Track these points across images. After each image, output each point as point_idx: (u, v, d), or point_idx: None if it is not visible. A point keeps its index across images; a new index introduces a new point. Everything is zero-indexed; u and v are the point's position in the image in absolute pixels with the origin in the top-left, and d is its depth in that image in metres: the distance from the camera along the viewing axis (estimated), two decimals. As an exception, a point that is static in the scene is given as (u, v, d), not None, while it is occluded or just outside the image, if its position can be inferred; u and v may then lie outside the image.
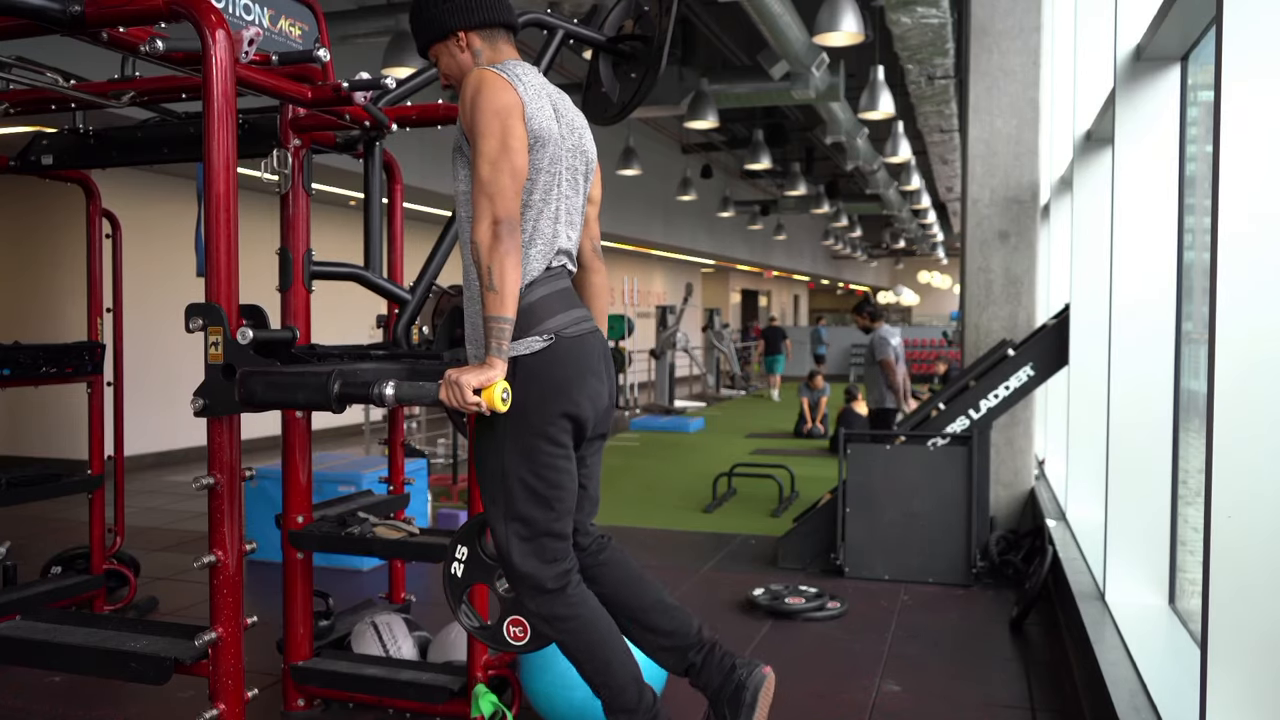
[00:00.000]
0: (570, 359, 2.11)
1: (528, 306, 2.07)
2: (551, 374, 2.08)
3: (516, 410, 2.03)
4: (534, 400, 2.08)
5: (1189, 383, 3.64)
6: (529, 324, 2.06)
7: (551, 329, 2.09)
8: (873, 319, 8.02)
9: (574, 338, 2.12)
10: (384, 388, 2.25)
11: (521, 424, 2.07)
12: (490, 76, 1.97)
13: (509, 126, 1.96)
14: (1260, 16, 2.11)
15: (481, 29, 2.05)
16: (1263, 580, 2.13)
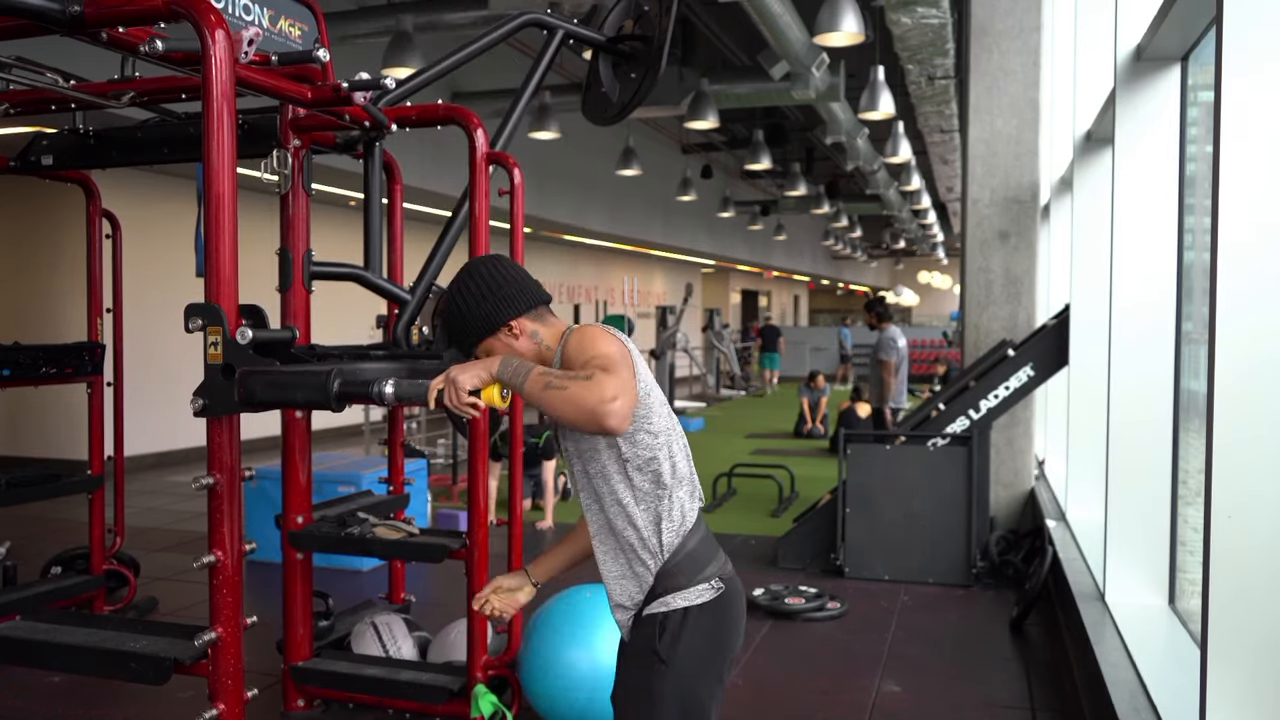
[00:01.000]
0: (735, 603, 2.00)
1: (691, 553, 1.94)
2: (724, 622, 1.97)
3: (683, 666, 1.90)
4: (705, 654, 1.93)
5: (1189, 383, 3.64)
6: (695, 571, 1.93)
7: (716, 574, 1.96)
8: (880, 319, 8.05)
9: (732, 578, 2.00)
10: (384, 386, 2.25)
11: (688, 681, 1.91)
12: (599, 328, 1.95)
13: (626, 355, 1.87)
14: (1260, 17, 2.11)
15: (529, 311, 2.00)
16: (1263, 580, 2.13)
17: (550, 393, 1.75)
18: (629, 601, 1.97)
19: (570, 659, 3.24)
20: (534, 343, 1.98)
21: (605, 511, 1.96)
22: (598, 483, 1.95)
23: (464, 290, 1.99)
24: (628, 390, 1.75)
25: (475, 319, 1.98)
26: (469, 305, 1.98)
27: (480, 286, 1.99)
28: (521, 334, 1.97)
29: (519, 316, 1.98)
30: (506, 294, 1.98)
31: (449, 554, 3.42)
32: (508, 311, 1.97)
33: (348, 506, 3.81)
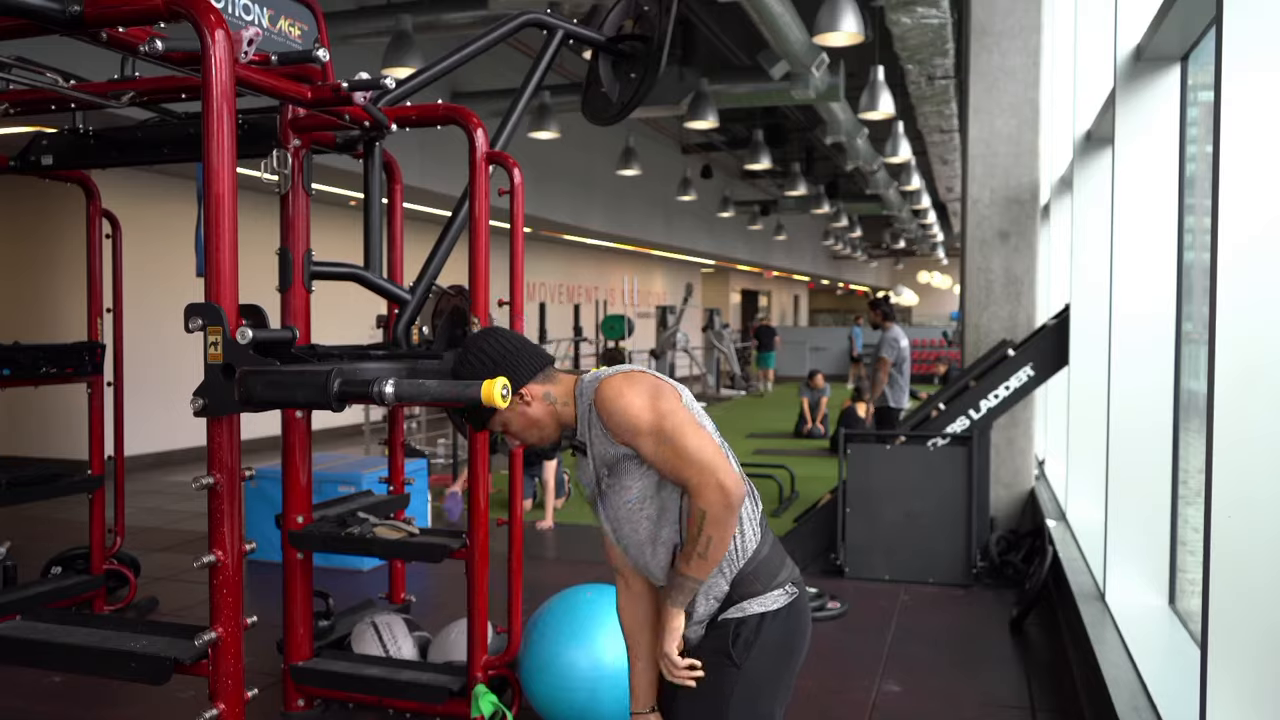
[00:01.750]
0: (806, 608, 2.03)
1: (765, 559, 1.97)
2: (798, 628, 1.99)
3: (756, 671, 1.93)
4: (778, 659, 1.96)
5: (1189, 383, 3.64)
6: (770, 577, 1.96)
7: (789, 579, 1.99)
8: (885, 318, 8.08)
9: (801, 583, 2.03)
10: (384, 386, 2.25)
11: (758, 685, 1.94)
12: (619, 377, 1.95)
13: (675, 402, 1.90)
14: (1260, 17, 2.11)
15: (537, 376, 2.02)
16: (1263, 580, 2.13)
17: (712, 555, 1.86)
18: (701, 614, 1.97)
19: (570, 659, 3.24)
20: (548, 405, 2.00)
21: (645, 559, 1.99)
22: (669, 502, 1.94)
23: (471, 369, 2.01)
24: (716, 456, 1.85)
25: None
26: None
27: (485, 363, 2.01)
28: (534, 399, 1.99)
29: (528, 384, 2.00)
30: (511, 364, 2.00)
31: (449, 554, 3.42)
32: (519, 379, 1.99)
33: (348, 506, 3.81)
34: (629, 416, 1.88)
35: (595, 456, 1.97)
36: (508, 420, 2.00)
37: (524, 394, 1.98)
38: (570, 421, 2.01)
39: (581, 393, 1.99)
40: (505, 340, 2.04)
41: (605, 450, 1.95)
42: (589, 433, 1.97)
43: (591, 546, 1.92)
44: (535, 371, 2.00)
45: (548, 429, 2.01)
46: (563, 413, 2.00)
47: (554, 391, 2.01)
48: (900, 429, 5.83)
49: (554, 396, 2.00)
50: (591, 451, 1.98)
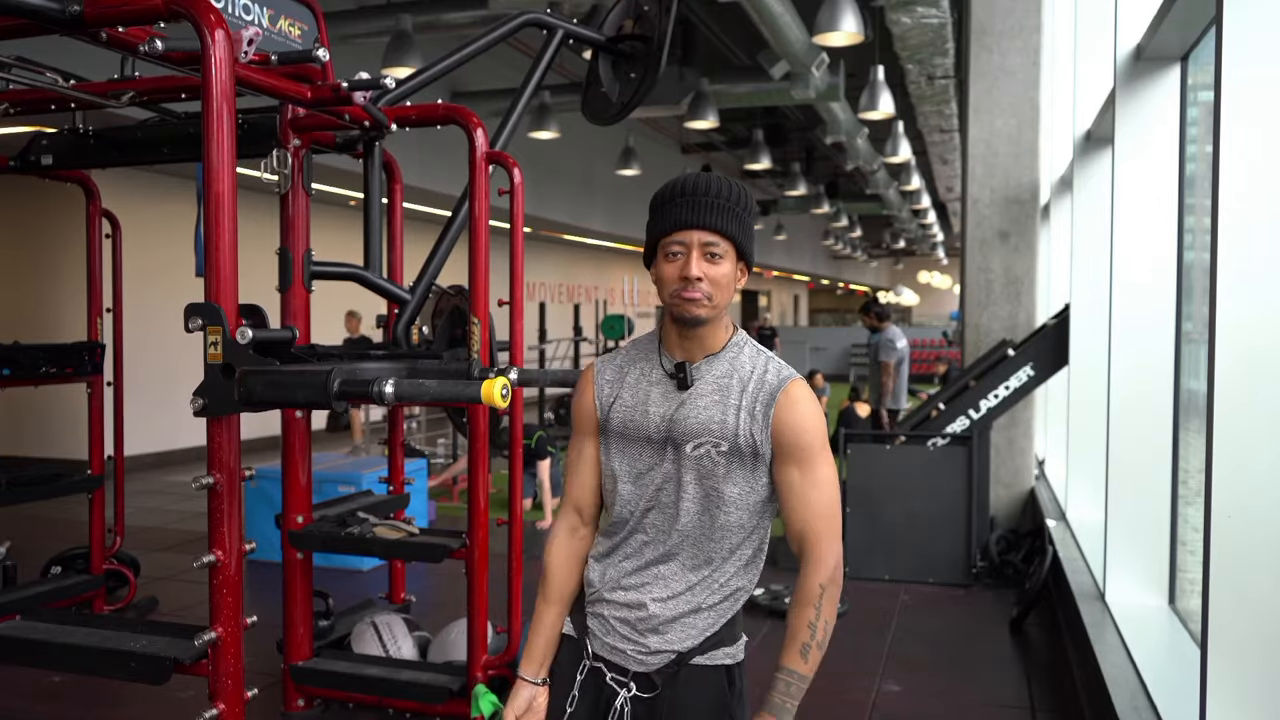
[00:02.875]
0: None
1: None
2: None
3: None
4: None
5: (1189, 382, 3.64)
6: (741, 624, 1.80)
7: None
8: (879, 319, 8.02)
9: None
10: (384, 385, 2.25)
11: None
12: (807, 389, 1.69)
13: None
14: (1260, 16, 2.11)
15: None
16: (1263, 580, 2.13)
17: (826, 642, 1.64)
18: (681, 643, 1.68)
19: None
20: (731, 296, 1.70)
21: (714, 540, 1.69)
22: (715, 508, 1.68)
23: (748, 206, 1.68)
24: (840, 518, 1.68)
25: (751, 230, 1.69)
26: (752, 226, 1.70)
27: (751, 212, 1.69)
28: (740, 281, 1.71)
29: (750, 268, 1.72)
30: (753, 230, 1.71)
31: (449, 554, 3.42)
32: (752, 255, 1.70)
33: (348, 506, 3.81)
34: (812, 425, 1.66)
35: (716, 420, 1.65)
36: (722, 269, 1.63)
37: (744, 272, 1.68)
38: (713, 339, 1.69)
39: (749, 352, 1.71)
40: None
41: (739, 428, 1.64)
42: (736, 394, 1.66)
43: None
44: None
45: (721, 306, 1.65)
46: (725, 320, 1.71)
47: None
48: (900, 429, 5.83)
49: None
50: (713, 411, 1.65)
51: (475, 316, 3.31)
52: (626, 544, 1.73)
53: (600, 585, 1.74)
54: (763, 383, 1.67)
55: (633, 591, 1.71)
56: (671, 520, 1.69)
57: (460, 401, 2.03)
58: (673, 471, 1.68)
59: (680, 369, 1.69)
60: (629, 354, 1.79)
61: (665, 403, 1.69)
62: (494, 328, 3.39)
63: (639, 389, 1.73)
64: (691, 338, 1.68)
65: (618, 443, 1.73)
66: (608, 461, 1.75)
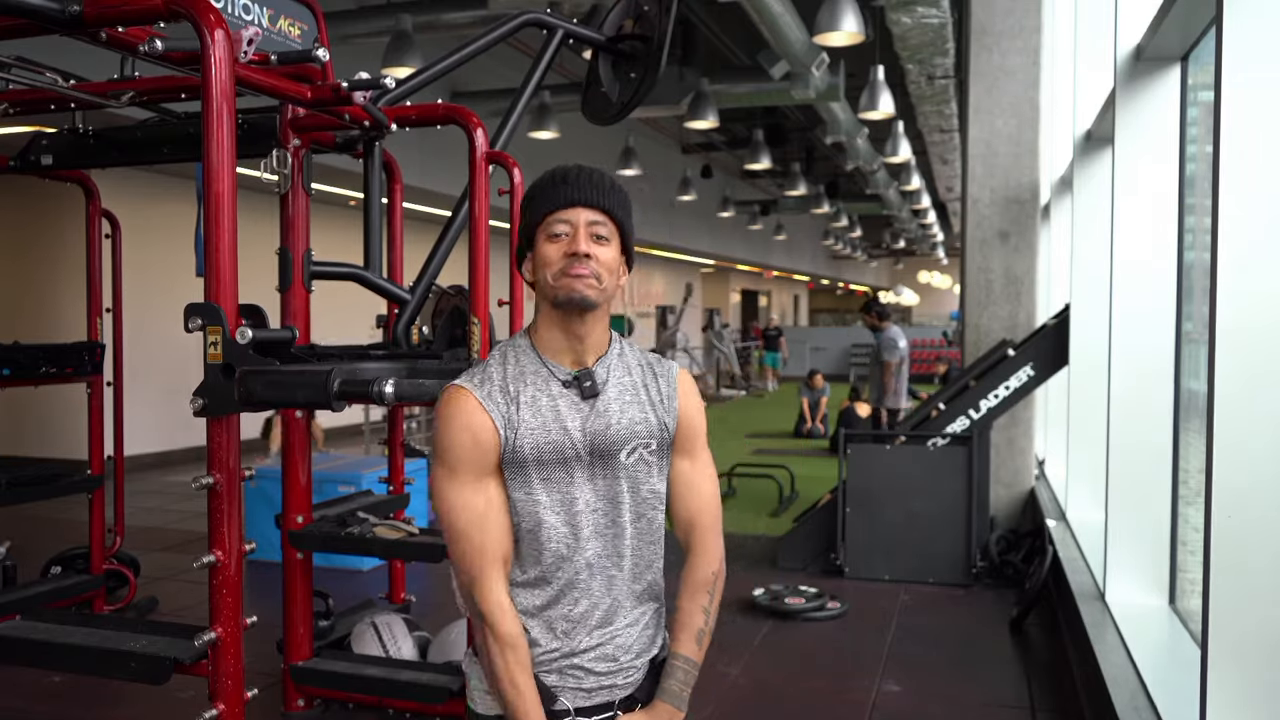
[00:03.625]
0: None
1: None
2: None
3: None
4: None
5: (1189, 383, 3.64)
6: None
7: None
8: (880, 319, 8.03)
9: None
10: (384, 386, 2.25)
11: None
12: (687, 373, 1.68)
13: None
14: (1260, 17, 2.11)
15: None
16: (1264, 580, 2.13)
17: (712, 630, 1.65)
18: (651, 649, 1.65)
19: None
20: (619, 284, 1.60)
21: (651, 543, 1.62)
22: (650, 509, 1.61)
23: (623, 200, 1.59)
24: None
25: (631, 226, 1.60)
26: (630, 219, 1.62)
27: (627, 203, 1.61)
28: (625, 275, 1.62)
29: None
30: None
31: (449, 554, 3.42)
32: (631, 235, 1.61)
33: (348, 506, 3.81)
34: (702, 413, 1.68)
35: (639, 420, 1.58)
36: (609, 252, 1.53)
37: (625, 267, 1.59)
38: (601, 338, 1.58)
39: (626, 346, 1.64)
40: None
41: (660, 422, 1.60)
42: (641, 389, 1.60)
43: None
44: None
45: (609, 295, 1.54)
46: (605, 318, 1.60)
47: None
48: (900, 429, 5.83)
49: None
50: (632, 411, 1.57)
51: (475, 316, 3.31)
52: (573, 588, 1.55)
53: (561, 646, 1.56)
54: (654, 373, 1.63)
55: (603, 637, 1.57)
56: (616, 541, 1.57)
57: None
58: (606, 488, 1.56)
59: (584, 375, 1.54)
60: (504, 369, 1.56)
61: (577, 414, 1.54)
62: (494, 328, 3.39)
63: (539, 406, 1.52)
64: (581, 335, 1.54)
65: (537, 472, 1.52)
66: (528, 497, 1.53)
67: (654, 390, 1.61)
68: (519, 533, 1.55)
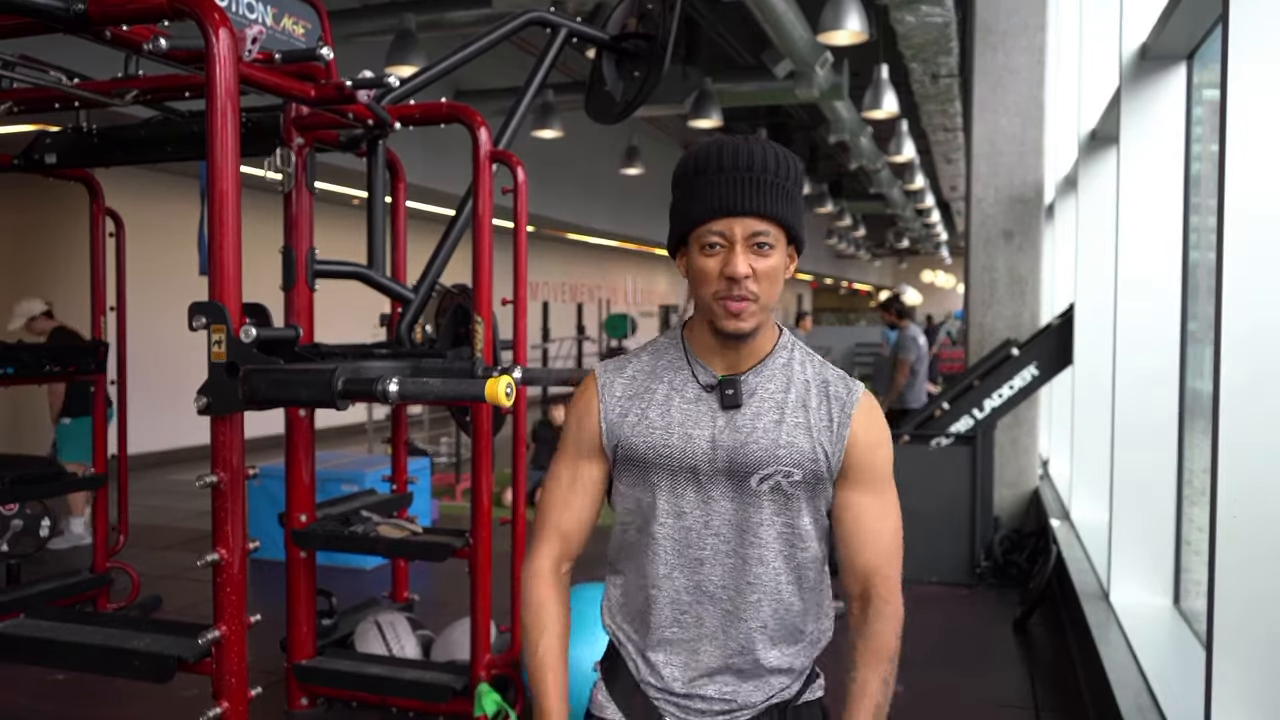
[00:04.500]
0: None
1: None
2: None
3: None
4: None
5: (1194, 382, 3.63)
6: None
7: None
8: (900, 316, 8.06)
9: None
10: (388, 384, 2.25)
11: None
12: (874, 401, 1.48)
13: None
14: (1266, 15, 2.10)
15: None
16: (1268, 581, 2.12)
17: (885, 709, 1.45)
18: (783, 691, 1.52)
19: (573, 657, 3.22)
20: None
21: (799, 588, 1.47)
22: (793, 549, 1.45)
23: (799, 171, 1.40)
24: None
25: (800, 204, 1.42)
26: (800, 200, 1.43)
27: (799, 187, 1.41)
28: (794, 264, 1.44)
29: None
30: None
31: (452, 553, 3.42)
32: (802, 238, 1.43)
33: (351, 505, 3.81)
34: (888, 445, 1.45)
35: (783, 444, 1.40)
36: (772, 261, 1.36)
37: (793, 257, 1.42)
38: (761, 343, 1.43)
39: (799, 355, 1.47)
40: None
41: (813, 450, 1.41)
42: (798, 408, 1.42)
43: (595, 545, 1.73)
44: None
45: (771, 305, 1.39)
46: (771, 319, 1.45)
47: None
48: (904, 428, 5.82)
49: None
50: (777, 432, 1.40)
51: (479, 315, 3.31)
52: (671, 618, 1.45)
53: (674, 684, 1.47)
54: (826, 393, 1.43)
55: (713, 684, 1.45)
56: (738, 574, 1.42)
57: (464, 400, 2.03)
58: (734, 512, 1.41)
59: (728, 384, 1.40)
60: (645, 361, 1.48)
61: (711, 425, 1.41)
62: (497, 327, 3.39)
63: (670, 406, 1.42)
64: (735, 346, 1.41)
65: (648, 474, 1.42)
66: (635, 496, 1.45)
67: (819, 412, 1.42)
68: (627, 535, 1.49)
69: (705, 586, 1.42)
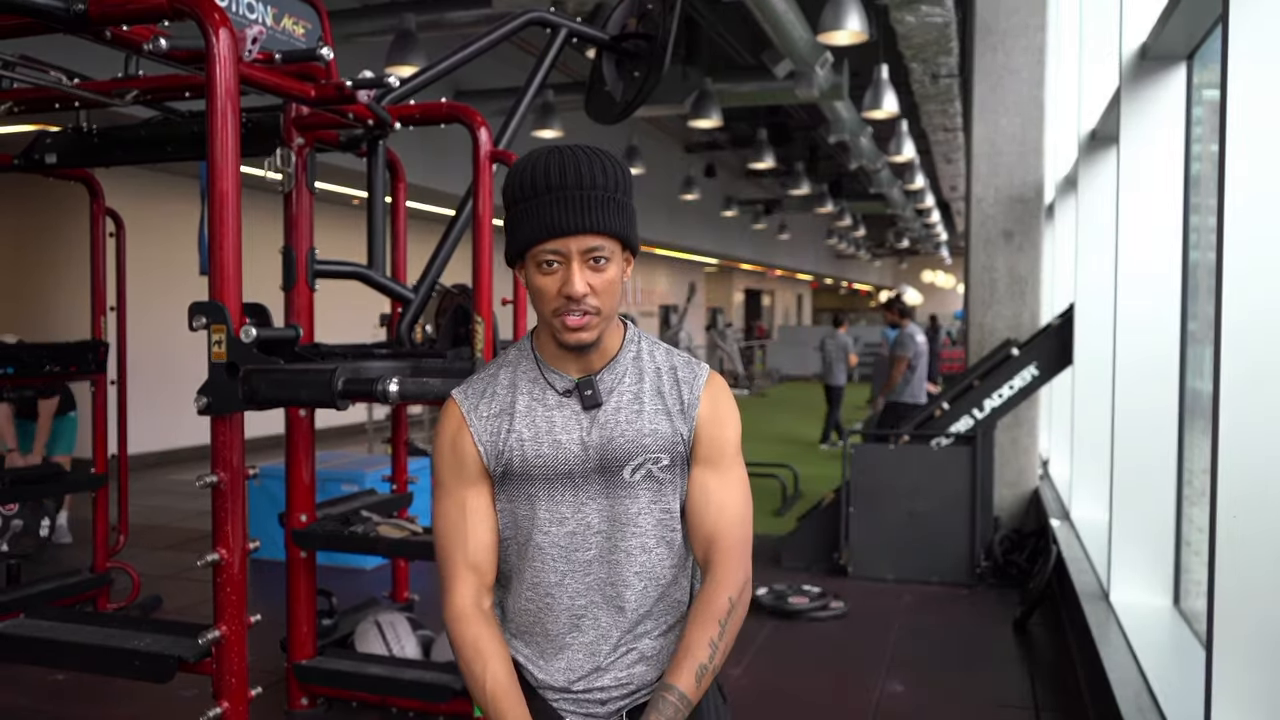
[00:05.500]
0: None
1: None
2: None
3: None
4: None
5: (1194, 382, 3.63)
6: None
7: None
8: (901, 316, 8.16)
9: None
10: (388, 384, 2.25)
11: None
12: (721, 380, 1.54)
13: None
14: (1266, 15, 2.10)
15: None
16: (1268, 580, 2.12)
17: (716, 667, 1.43)
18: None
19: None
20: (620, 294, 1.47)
21: (671, 568, 1.52)
22: (666, 531, 1.51)
23: (627, 178, 1.44)
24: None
25: (631, 209, 1.45)
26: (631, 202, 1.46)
27: (629, 192, 1.45)
28: (626, 274, 1.47)
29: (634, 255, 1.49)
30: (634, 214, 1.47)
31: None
32: (635, 242, 1.46)
33: (351, 505, 3.81)
34: (734, 423, 1.51)
35: (647, 432, 1.46)
36: (609, 274, 1.40)
37: (629, 260, 1.46)
38: (609, 344, 1.48)
39: (646, 346, 1.53)
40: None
41: (673, 433, 1.47)
42: (654, 396, 1.48)
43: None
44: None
45: (612, 311, 1.44)
46: (615, 321, 1.49)
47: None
48: (904, 428, 5.82)
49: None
50: (639, 422, 1.46)
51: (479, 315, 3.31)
52: (570, 622, 1.48)
53: (572, 683, 1.49)
54: (675, 378, 1.50)
55: (597, 678, 1.48)
56: (618, 568, 1.46)
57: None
58: (608, 508, 1.46)
59: (585, 385, 1.45)
60: (501, 378, 1.50)
61: (577, 427, 1.45)
62: (497, 327, 3.39)
63: (534, 416, 1.45)
64: (585, 351, 1.45)
65: (524, 486, 1.45)
66: (518, 514, 1.47)
67: (673, 396, 1.48)
68: (509, 551, 1.49)
69: (597, 585, 1.47)
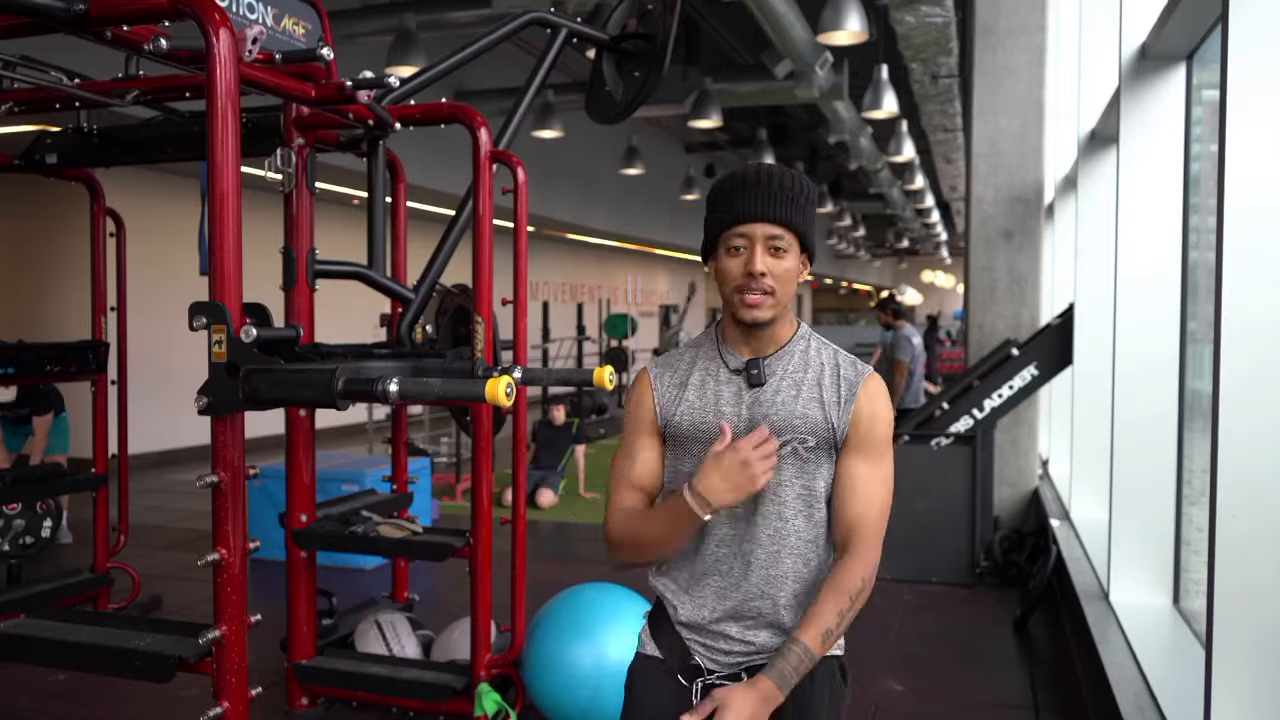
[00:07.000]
0: None
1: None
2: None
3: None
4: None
5: (1194, 382, 3.63)
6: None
7: None
8: (895, 317, 8.00)
9: None
10: (388, 384, 2.25)
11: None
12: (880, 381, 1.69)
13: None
14: (1266, 15, 2.10)
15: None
16: (1268, 580, 2.12)
17: (840, 633, 1.57)
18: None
19: (573, 657, 3.24)
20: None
21: (805, 541, 1.66)
22: (804, 505, 1.66)
23: (808, 194, 1.64)
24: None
25: (813, 208, 1.65)
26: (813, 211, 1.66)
27: (813, 201, 1.65)
28: (802, 272, 1.66)
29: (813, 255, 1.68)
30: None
31: (452, 552, 3.42)
32: (813, 243, 1.66)
33: (351, 505, 3.81)
34: (888, 420, 1.65)
35: (799, 414, 1.62)
36: (786, 264, 1.60)
37: (805, 264, 1.66)
38: (779, 334, 1.67)
39: (815, 345, 1.70)
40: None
41: (824, 419, 1.63)
42: (813, 386, 1.64)
43: (594, 545, 1.72)
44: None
45: (786, 301, 1.63)
46: (789, 315, 1.67)
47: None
48: (904, 428, 5.82)
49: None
50: (793, 405, 1.63)
51: (479, 315, 3.31)
52: (710, 564, 1.65)
53: (703, 620, 1.66)
54: (838, 374, 1.65)
55: (736, 624, 1.64)
56: (753, 529, 1.63)
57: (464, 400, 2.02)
58: None
59: (752, 365, 1.64)
60: (686, 355, 1.75)
61: (738, 402, 1.65)
62: (498, 327, 3.39)
63: (705, 390, 1.67)
64: (756, 334, 1.64)
65: (688, 447, 1.66)
66: (675, 466, 1.68)
67: (831, 390, 1.64)
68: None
69: (735, 539, 1.64)
